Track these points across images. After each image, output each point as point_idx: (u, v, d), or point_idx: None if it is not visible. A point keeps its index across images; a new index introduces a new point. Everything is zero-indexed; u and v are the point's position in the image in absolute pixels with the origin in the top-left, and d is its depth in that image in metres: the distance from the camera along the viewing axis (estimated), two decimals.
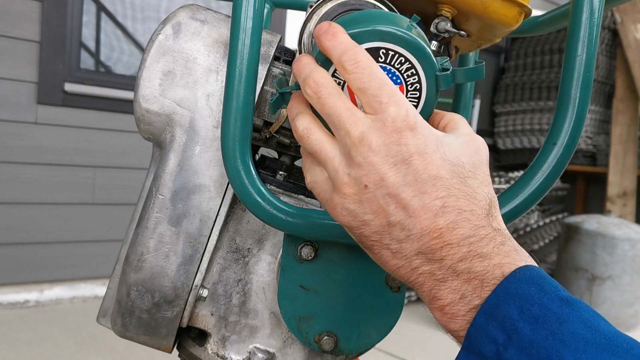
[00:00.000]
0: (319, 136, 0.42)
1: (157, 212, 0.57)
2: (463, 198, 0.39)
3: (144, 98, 0.58)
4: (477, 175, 0.41)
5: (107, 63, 3.33)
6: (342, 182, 0.40)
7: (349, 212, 0.41)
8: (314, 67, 0.43)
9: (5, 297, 2.80)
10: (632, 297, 3.34)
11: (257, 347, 0.63)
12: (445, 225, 0.39)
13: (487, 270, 0.39)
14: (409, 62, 0.43)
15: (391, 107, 0.40)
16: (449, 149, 0.41)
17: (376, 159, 0.39)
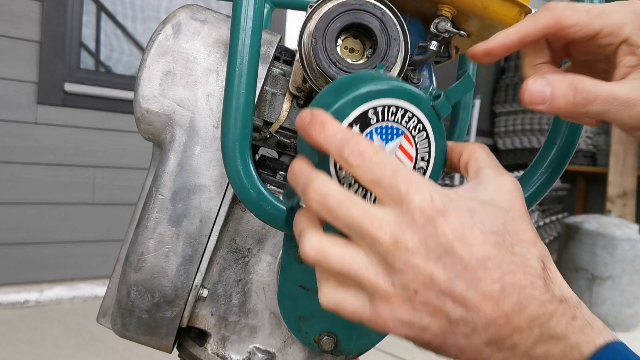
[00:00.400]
0: (337, 255, 0.37)
1: (157, 212, 0.57)
2: (519, 272, 0.35)
3: (144, 98, 0.58)
4: (521, 235, 0.37)
5: (107, 63, 3.33)
6: (387, 294, 0.36)
7: (404, 322, 0.36)
8: (310, 174, 0.38)
9: (5, 297, 2.80)
10: (632, 297, 3.34)
11: (257, 347, 0.63)
12: (509, 308, 0.35)
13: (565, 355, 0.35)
14: (401, 109, 0.41)
15: (414, 196, 0.35)
16: (484, 215, 0.36)
17: (418, 260, 0.35)
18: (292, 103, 0.61)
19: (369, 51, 0.54)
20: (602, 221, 3.40)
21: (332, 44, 0.52)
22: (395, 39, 0.53)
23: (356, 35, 0.55)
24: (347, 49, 0.55)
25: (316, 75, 0.54)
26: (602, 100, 0.39)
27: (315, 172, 0.38)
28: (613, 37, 0.41)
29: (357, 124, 0.40)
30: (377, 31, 0.52)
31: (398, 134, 0.42)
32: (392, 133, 0.42)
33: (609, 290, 3.31)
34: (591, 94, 0.39)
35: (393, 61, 0.53)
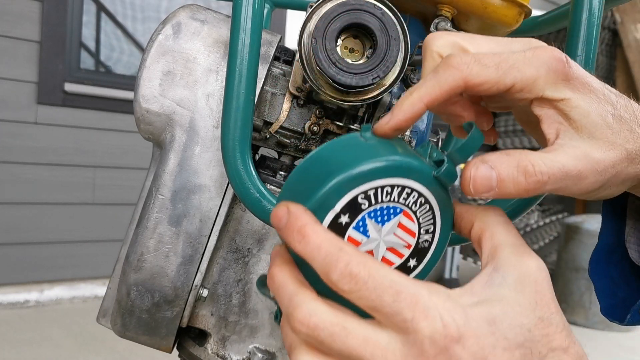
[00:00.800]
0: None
1: (157, 212, 0.57)
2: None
3: (144, 98, 0.58)
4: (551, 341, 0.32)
5: (107, 63, 3.33)
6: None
7: None
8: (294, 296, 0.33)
9: (5, 297, 2.80)
10: None
11: (257, 347, 0.63)
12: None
13: None
14: (397, 187, 0.35)
15: (422, 324, 0.30)
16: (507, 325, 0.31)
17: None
18: (292, 103, 0.61)
19: (369, 51, 0.54)
20: None
21: (332, 44, 0.52)
22: (395, 39, 0.53)
23: (356, 35, 0.55)
24: (347, 49, 0.55)
25: (316, 75, 0.54)
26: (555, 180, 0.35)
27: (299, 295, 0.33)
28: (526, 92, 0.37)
29: (346, 214, 0.34)
30: (377, 31, 0.52)
31: (396, 213, 0.36)
32: (389, 213, 0.35)
33: None
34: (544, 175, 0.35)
35: (393, 61, 0.53)
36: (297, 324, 0.32)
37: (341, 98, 0.54)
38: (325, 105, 0.61)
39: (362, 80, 0.52)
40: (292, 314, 0.32)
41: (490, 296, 0.32)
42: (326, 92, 0.54)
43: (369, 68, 0.52)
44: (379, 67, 0.52)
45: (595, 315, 3.29)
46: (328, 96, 0.54)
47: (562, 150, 0.36)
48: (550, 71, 0.36)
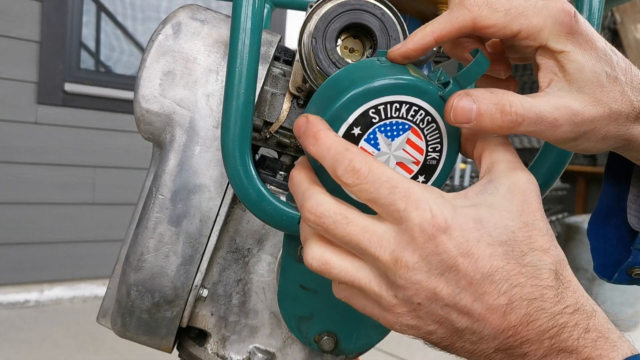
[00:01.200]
0: (340, 266, 0.36)
1: (157, 212, 0.57)
2: (527, 284, 0.34)
3: (144, 98, 0.58)
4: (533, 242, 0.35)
5: (107, 63, 3.33)
6: (390, 304, 0.36)
7: (410, 326, 0.37)
8: (306, 191, 0.37)
9: (5, 297, 2.80)
10: (632, 297, 3.34)
11: (257, 347, 0.63)
12: (517, 321, 0.34)
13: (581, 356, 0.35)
14: (405, 104, 0.38)
15: (413, 213, 0.34)
16: (493, 224, 0.35)
17: (420, 277, 0.34)
18: (292, 103, 0.61)
19: (369, 51, 0.54)
20: None
21: (332, 44, 0.52)
22: (395, 39, 0.53)
23: (356, 35, 0.55)
24: (347, 49, 0.55)
25: (316, 75, 0.54)
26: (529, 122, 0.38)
27: (311, 189, 0.37)
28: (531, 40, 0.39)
29: (358, 127, 0.38)
30: (377, 31, 0.52)
31: (405, 129, 0.39)
32: (397, 129, 0.39)
33: (609, 290, 3.31)
34: (519, 116, 0.37)
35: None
36: (306, 212, 0.36)
37: None
38: None
39: None
40: (304, 205, 0.36)
41: (481, 202, 0.36)
42: None
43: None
44: None
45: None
46: None
47: (545, 98, 0.39)
48: (557, 23, 0.39)
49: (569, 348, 0.35)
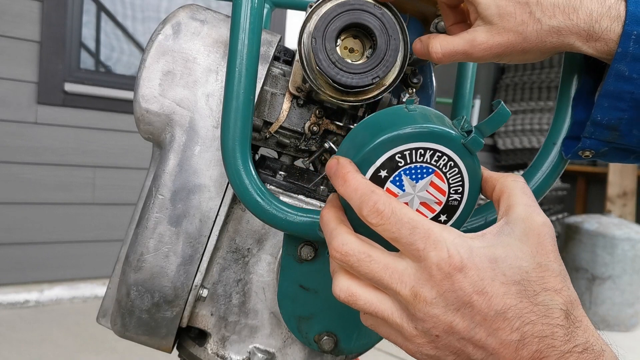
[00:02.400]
0: (365, 298, 0.40)
1: (157, 212, 0.57)
2: (539, 322, 0.36)
3: (143, 98, 0.58)
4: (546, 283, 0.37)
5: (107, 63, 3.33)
6: (411, 335, 0.39)
7: (430, 356, 0.39)
8: (333, 230, 0.41)
9: (5, 297, 2.80)
10: (632, 297, 3.34)
11: (257, 347, 0.63)
12: (529, 357, 0.36)
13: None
14: (430, 150, 0.41)
15: (431, 253, 0.37)
16: (508, 265, 0.37)
17: (437, 311, 0.37)
18: (292, 103, 0.61)
19: (369, 51, 0.54)
20: (602, 221, 3.40)
21: (332, 44, 0.52)
22: (395, 39, 0.53)
23: (356, 35, 0.55)
24: (347, 48, 0.55)
25: (316, 75, 0.54)
26: (447, 55, 0.51)
27: (338, 229, 0.41)
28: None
29: (385, 169, 0.41)
30: (377, 31, 0.52)
31: (429, 173, 0.42)
32: (422, 172, 0.42)
33: (609, 290, 3.30)
34: (438, 53, 0.51)
35: (393, 61, 0.53)
36: (333, 251, 0.40)
37: (341, 98, 0.54)
38: (325, 105, 0.61)
39: (362, 80, 0.52)
40: (331, 243, 0.40)
41: (498, 242, 0.38)
42: (326, 92, 0.54)
43: (369, 68, 0.52)
44: (379, 67, 0.52)
45: (595, 315, 3.29)
46: (328, 96, 0.54)
47: (461, 35, 0.50)
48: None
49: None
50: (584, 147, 0.52)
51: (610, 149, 0.52)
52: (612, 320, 3.31)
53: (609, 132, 0.50)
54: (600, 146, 0.52)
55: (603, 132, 0.50)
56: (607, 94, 0.49)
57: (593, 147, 0.52)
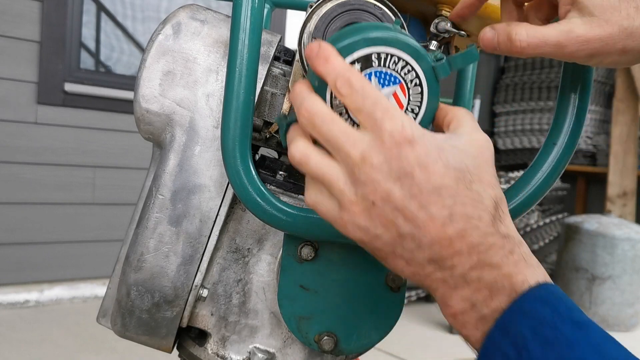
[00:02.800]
0: (317, 160, 0.43)
1: (157, 212, 0.57)
2: (470, 205, 0.40)
3: (143, 98, 0.58)
4: (482, 177, 0.41)
5: (107, 63, 3.33)
6: (349, 201, 0.41)
7: (360, 228, 0.41)
8: (306, 95, 0.43)
9: (5, 297, 2.80)
10: (632, 297, 3.34)
11: (257, 347, 0.63)
12: (454, 233, 0.39)
13: (496, 281, 0.39)
14: (402, 61, 0.45)
15: (386, 122, 0.40)
16: (451, 155, 0.41)
17: (380, 176, 0.40)
18: None
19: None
20: (602, 221, 3.40)
21: None
22: None
23: None
24: None
25: None
26: (533, 46, 0.46)
27: (310, 95, 0.43)
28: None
29: (359, 63, 0.44)
30: None
31: (395, 82, 0.45)
32: (389, 79, 0.45)
33: (609, 290, 3.30)
34: (522, 42, 0.46)
35: None
36: (303, 110, 0.42)
37: None
38: None
39: None
40: (302, 104, 0.43)
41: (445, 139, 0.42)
42: None
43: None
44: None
45: (595, 316, 3.29)
46: None
47: (553, 26, 0.46)
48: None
49: (493, 264, 0.40)
50: None
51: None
52: (612, 320, 3.31)
53: None
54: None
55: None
56: None
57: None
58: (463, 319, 0.41)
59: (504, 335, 0.38)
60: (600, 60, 0.47)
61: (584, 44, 0.45)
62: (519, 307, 0.39)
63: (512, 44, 0.47)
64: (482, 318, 0.40)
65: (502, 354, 0.38)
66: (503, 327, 0.39)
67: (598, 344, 0.36)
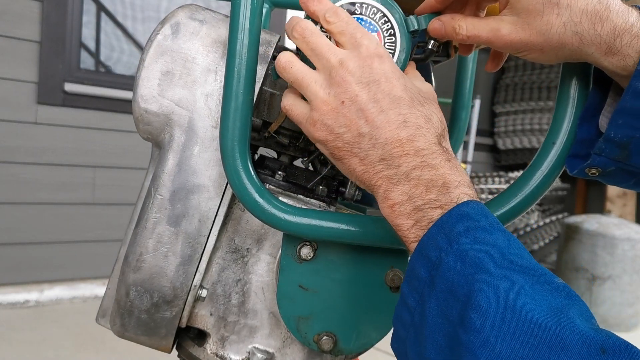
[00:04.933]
0: (299, 66, 0.51)
1: (156, 212, 0.57)
2: (422, 117, 0.48)
3: (142, 98, 0.58)
4: (431, 105, 0.50)
5: (107, 63, 3.33)
6: (322, 101, 0.49)
7: (327, 126, 0.49)
8: (300, 19, 0.51)
9: (5, 297, 2.80)
10: (632, 297, 3.33)
11: (256, 347, 0.63)
12: (405, 137, 0.47)
13: (432, 179, 0.47)
14: (380, 12, 0.53)
15: (364, 40, 0.49)
16: (409, 82, 0.50)
17: (352, 79, 0.48)
18: None
19: None
20: (602, 221, 3.40)
21: None
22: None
23: None
24: None
25: None
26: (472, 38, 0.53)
27: (303, 19, 0.52)
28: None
29: (344, 8, 0.52)
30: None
31: (373, 30, 0.53)
32: (368, 27, 0.53)
33: (609, 290, 3.30)
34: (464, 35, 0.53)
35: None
36: (297, 26, 0.51)
37: None
38: None
39: None
40: (297, 23, 0.51)
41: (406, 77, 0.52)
42: None
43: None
44: None
45: (595, 316, 3.29)
46: None
47: (487, 22, 0.52)
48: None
49: (432, 165, 0.47)
50: (592, 164, 0.52)
51: (617, 169, 0.52)
52: (612, 320, 3.31)
53: (619, 150, 0.50)
54: (608, 165, 0.52)
55: (613, 150, 0.50)
56: (624, 110, 0.49)
57: (601, 165, 0.52)
58: (399, 210, 0.48)
59: (440, 231, 0.45)
60: (524, 55, 0.53)
61: (508, 44, 0.51)
62: (457, 211, 0.45)
63: (457, 36, 0.54)
64: (415, 208, 0.47)
65: (435, 245, 0.44)
66: (440, 225, 0.45)
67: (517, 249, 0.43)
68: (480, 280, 0.40)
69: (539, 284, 0.40)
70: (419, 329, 0.44)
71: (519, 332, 0.38)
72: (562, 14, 0.48)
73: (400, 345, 0.47)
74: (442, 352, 0.41)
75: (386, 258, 0.58)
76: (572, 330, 0.38)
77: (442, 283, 0.43)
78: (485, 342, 0.38)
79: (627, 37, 0.48)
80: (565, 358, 0.37)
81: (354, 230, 0.54)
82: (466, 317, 0.40)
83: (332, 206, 0.62)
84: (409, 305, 0.45)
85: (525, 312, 0.38)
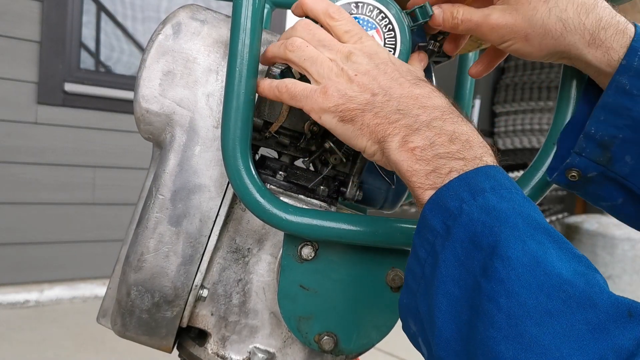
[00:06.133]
0: (312, 48, 0.51)
1: (157, 212, 0.57)
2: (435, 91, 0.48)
3: (143, 98, 0.58)
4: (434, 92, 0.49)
5: (107, 63, 3.33)
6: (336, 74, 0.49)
7: (339, 91, 0.49)
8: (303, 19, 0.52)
9: (5, 297, 2.80)
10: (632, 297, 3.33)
11: (257, 347, 0.63)
12: (420, 93, 0.47)
13: (456, 132, 0.45)
14: (377, 9, 0.54)
15: (368, 40, 0.51)
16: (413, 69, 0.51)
17: (363, 60, 0.50)
18: None
19: None
20: (602, 221, 3.40)
21: None
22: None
23: None
24: None
25: None
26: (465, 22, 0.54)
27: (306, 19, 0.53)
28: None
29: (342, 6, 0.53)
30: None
31: (371, 28, 0.54)
32: (367, 25, 0.54)
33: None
34: (459, 20, 0.54)
35: None
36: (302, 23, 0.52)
37: None
38: None
39: None
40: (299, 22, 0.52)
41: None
42: None
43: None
44: None
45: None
46: None
47: (482, 10, 0.53)
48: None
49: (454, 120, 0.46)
50: (572, 164, 0.51)
51: (600, 176, 0.51)
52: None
53: (601, 150, 0.49)
54: (589, 167, 0.51)
55: (594, 150, 0.49)
56: (605, 106, 0.48)
57: (582, 166, 0.51)
58: (421, 154, 0.45)
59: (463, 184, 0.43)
60: (508, 45, 0.53)
61: (494, 27, 0.52)
62: (483, 170, 0.44)
63: (452, 21, 0.54)
64: (436, 156, 0.45)
65: (456, 195, 0.42)
66: (464, 179, 0.43)
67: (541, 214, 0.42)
68: (507, 233, 0.39)
69: (563, 250, 0.39)
70: (429, 281, 0.42)
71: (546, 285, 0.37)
72: (549, 1, 0.49)
73: (410, 300, 0.45)
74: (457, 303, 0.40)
75: (387, 258, 0.58)
76: (600, 290, 0.37)
77: (463, 233, 0.41)
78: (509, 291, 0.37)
79: (612, 30, 0.49)
80: (593, 315, 0.36)
81: (355, 230, 0.54)
82: (490, 266, 0.38)
83: (333, 206, 0.62)
84: (420, 256, 0.44)
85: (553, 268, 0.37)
